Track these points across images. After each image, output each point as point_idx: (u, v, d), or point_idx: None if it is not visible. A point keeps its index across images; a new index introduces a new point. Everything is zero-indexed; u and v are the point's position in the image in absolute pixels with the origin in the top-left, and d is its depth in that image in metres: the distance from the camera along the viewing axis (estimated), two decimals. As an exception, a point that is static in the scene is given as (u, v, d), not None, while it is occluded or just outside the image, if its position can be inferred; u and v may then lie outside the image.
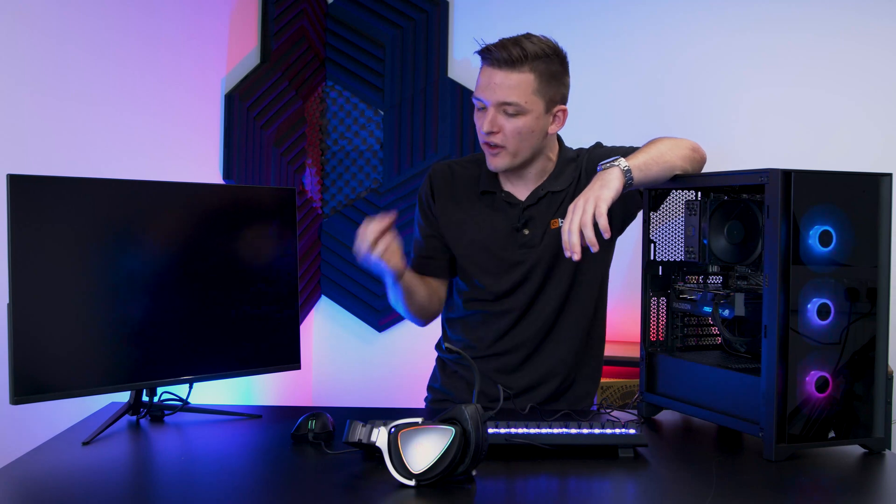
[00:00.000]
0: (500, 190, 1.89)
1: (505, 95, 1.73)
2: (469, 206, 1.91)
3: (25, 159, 1.97)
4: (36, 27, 2.03)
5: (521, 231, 1.86)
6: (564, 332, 1.88)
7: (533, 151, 1.81)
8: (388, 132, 3.36)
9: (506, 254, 1.86)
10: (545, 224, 1.85)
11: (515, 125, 1.75)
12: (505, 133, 1.76)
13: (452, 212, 1.92)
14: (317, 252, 3.40)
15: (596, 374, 1.96)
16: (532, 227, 1.86)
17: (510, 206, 1.87)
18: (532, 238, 1.85)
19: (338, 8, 3.38)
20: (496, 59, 1.72)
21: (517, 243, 1.86)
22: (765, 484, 1.33)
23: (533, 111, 1.75)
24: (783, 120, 3.04)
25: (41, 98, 2.05)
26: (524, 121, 1.75)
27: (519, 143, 1.78)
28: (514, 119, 1.75)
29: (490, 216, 1.88)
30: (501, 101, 1.74)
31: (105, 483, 1.33)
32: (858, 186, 1.45)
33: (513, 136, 1.76)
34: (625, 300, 3.21)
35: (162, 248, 1.66)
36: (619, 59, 3.21)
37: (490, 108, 1.75)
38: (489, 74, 1.74)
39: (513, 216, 1.86)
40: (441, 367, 2.03)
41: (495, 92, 1.73)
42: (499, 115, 1.75)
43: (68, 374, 1.54)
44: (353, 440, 1.35)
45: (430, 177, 1.96)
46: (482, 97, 1.76)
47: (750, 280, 1.63)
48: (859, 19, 2.99)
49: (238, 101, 2.91)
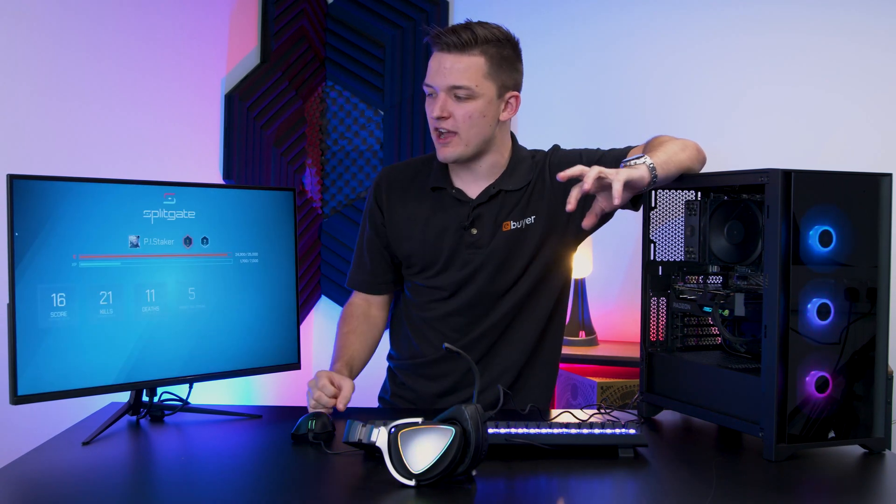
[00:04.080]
0: (450, 186, 1.84)
1: (455, 79, 1.70)
2: (418, 202, 1.86)
3: (25, 159, 1.97)
4: (36, 27, 2.03)
5: (469, 230, 1.81)
6: (514, 339, 1.84)
7: (484, 140, 1.77)
8: (388, 132, 3.36)
9: (453, 252, 1.82)
10: (496, 224, 1.81)
11: (466, 109, 1.72)
12: (455, 118, 1.72)
13: (400, 210, 1.87)
14: (317, 252, 3.40)
15: (550, 381, 1.91)
16: (480, 226, 1.81)
17: (460, 204, 1.82)
18: (480, 238, 1.81)
19: (338, 8, 3.38)
20: (446, 43, 1.70)
21: (464, 242, 1.81)
22: (765, 484, 1.32)
23: (484, 95, 1.72)
24: (783, 120, 3.04)
25: (41, 98, 2.05)
26: (475, 105, 1.72)
27: (470, 128, 1.73)
28: (465, 103, 1.71)
29: (438, 213, 1.83)
30: (452, 84, 1.70)
31: (105, 483, 1.33)
32: (858, 186, 1.45)
33: (463, 122, 1.72)
34: (625, 300, 3.21)
35: (162, 247, 1.66)
36: (619, 60, 3.21)
37: (440, 93, 1.72)
38: (439, 59, 1.72)
39: (461, 214, 1.82)
40: (391, 378, 1.99)
41: (445, 76, 1.70)
42: (449, 99, 1.72)
43: (68, 374, 1.54)
44: (353, 440, 1.35)
45: (377, 181, 1.91)
46: (432, 83, 1.73)
47: (750, 280, 1.63)
48: (859, 19, 2.99)
49: (238, 101, 2.91)
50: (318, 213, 3.40)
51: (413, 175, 1.89)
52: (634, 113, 3.17)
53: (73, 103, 2.16)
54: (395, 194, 1.88)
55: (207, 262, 1.72)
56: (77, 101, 2.17)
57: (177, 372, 1.68)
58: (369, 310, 1.94)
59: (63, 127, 2.12)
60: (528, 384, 1.87)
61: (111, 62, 2.31)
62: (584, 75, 3.24)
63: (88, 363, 1.56)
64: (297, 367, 1.85)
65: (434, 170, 1.86)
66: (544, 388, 1.90)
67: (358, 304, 1.95)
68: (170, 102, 2.59)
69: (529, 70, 3.66)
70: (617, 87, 3.21)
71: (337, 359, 1.83)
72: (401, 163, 1.95)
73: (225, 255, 1.75)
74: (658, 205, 1.71)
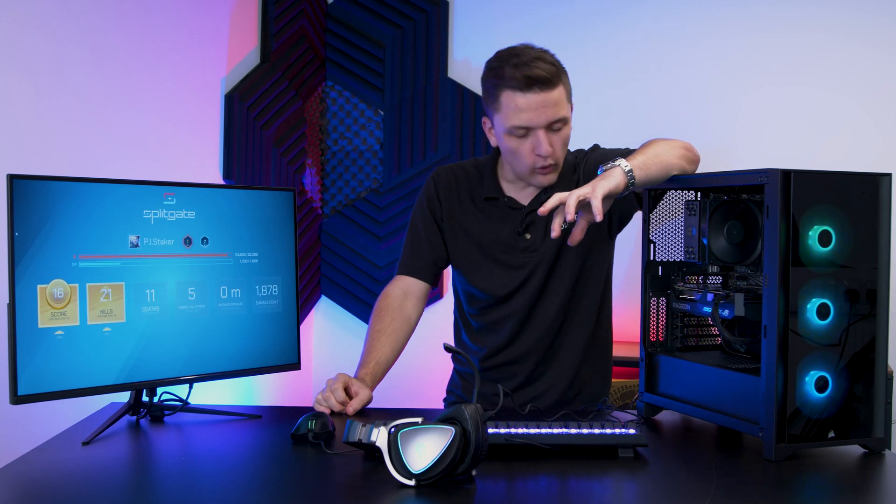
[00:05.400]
0: (502, 195, 1.89)
1: (554, 114, 1.73)
2: (472, 211, 1.91)
3: (25, 159, 1.97)
4: (36, 27, 2.03)
5: (523, 235, 1.86)
6: (570, 335, 1.88)
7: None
8: (388, 132, 3.36)
9: (509, 258, 1.87)
10: (546, 228, 1.84)
11: (562, 137, 1.78)
12: (556, 148, 1.77)
13: (457, 216, 1.92)
14: (317, 252, 3.40)
15: (606, 373, 1.96)
16: (533, 230, 1.86)
17: (513, 211, 1.88)
18: (534, 242, 1.86)
19: (338, 8, 3.38)
20: (535, 81, 1.69)
21: (519, 247, 1.86)
22: (765, 484, 1.32)
23: (570, 117, 1.79)
24: (783, 120, 3.04)
25: (41, 98, 2.05)
26: (567, 129, 1.78)
27: (564, 152, 1.81)
28: (560, 132, 1.77)
29: (493, 222, 1.89)
30: (553, 120, 1.73)
31: (105, 483, 1.33)
32: (858, 186, 1.45)
33: (561, 149, 1.79)
34: (625, 300, 3.21)
35: (162, 247, 1.66)
36: (619, 60, 3.21)
37: (539, 131, 1.74)
38: (530, 100, 1.71)
39: (515, 221, 1.87)
40: (458, 373, 2.03)
41: (545, 115, 1.72)
42: (549, 134, 1.75)
43: (68, 374, 1.54)
44: (353, 440, 1.35)
45: (435, 179, 1.95)
46: (530, 124, 1.73)
47: (750, 280, 1.63)
48: (859, 19, 2.99)
49: (238, 101, 2.91)
50: (318, 213, 3.40)
51: (466, 182, 1.94)
52: (634, 113, 3.17)
53: (73, 103, 2.16)
54: (452, 197, 1.93)
55: (207, 262, 1.72)
56: (77, 101, 2.17)
57: (177, 372, 1.68)
58: (404, 303, 1.94)
59: (63, 127, 2.12)
60: (587, 377, 1.91)
61: (111, 62, 2.31)
62: (584, 75, 3.23)
63: (88, 363, 1.56)
64: (297, 367, 1.85)
65: (485, 179, 1.91)
66: (602, 379, 1.95)
67: (395, 295, 1.95)
68: (170, 102, 2.59)
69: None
70: (617, 87, 3.21)
71: (363, 364, 1.85)
72: (454, 165, 1.98)
73: (225, 255, 1.75)
74: (658, 205, 1.72)
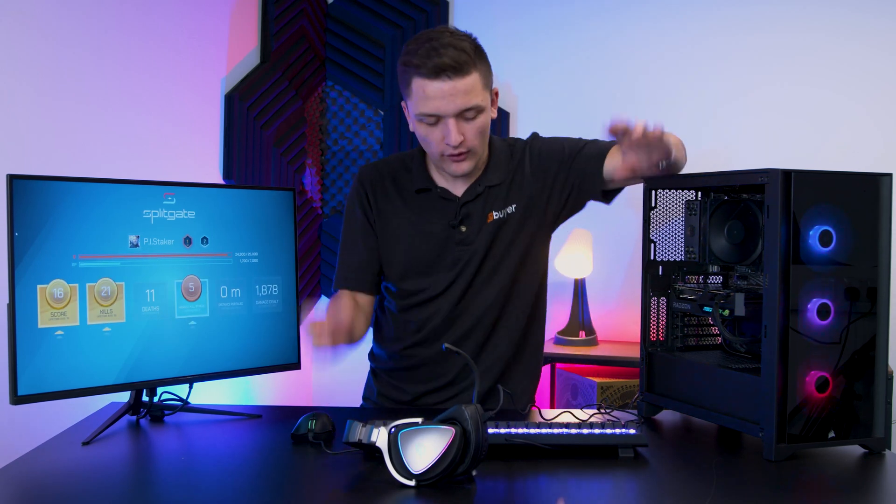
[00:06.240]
0: (435, 186, 1.83)
1: (464, 102, 1.65)
2: (402, 205, 1.84)
3: (25, 159, 1.97)
4: (36, 27, 2.03)
5: (458, 228, 1.81)
6: (502, 330, 1.84)
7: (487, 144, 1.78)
8: (388, 132, 3.36)
9: (443, 252, 1.81)
10: (482, 219, 1.81)
11: (477, 126, 1.70)
12: (467, 137, 1.70)
13: (386, 212, 1.85)
14: (317, 252, 3.40)
15: (535, 371, 1.92)
16: (468, 223, 1.81)
17: (446, 203, 1.82)
18: (469, 235, 1.80)
19: (338, 8, 3.38)
20: (442, 70, 1.62)
21: (454, 240, 1.81)
22: (765, 484, 1.32)
23: (486, 105, 1.71)
24: (783, 120, 3.04)
25: (41, 98, 2.05)
26: (483, 118, 1.71)
27: (482, 141, 1.74)
28: (474, 121, 1.69)
29: (426, 214, 1.82)
30: (462, 108, 1.66)
31: (105, 483, 1.33)
32: (858, 186, 1.45)
33: (475, 137, 1.71)
34: (625, 300, 3.21)
35: (162, 247, 1.66)
36: (618, 59, 3.21)
37: (449, 119, 1.66)
38: (437, 87, 1.63)
39: (449, 213, 1.81)
40: (374, 377, 1.97)
41: (453, 103, 1.65)
42: (459, 122, 1.68)
43: (68, 374, 1.54)
44: (353, 440, 1.35)
45: (361, 178, 1.88)
46: (437, 112, 1.66)
47: (750, 280, 1.63)
48: (859, 19, 2.99)
49: (238, 101, 2.91)
50: (318, 213, 3.40)
51: (393, 176, 1.87)
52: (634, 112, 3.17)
53: (73, 103, 2.16)
54: (379, 194, 1.86)
55: (207, 262, 1.72)
56: (77, 101, 2.17)
57: (177, 372, 1.68)
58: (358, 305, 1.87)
59: (63, 127, 2.12)
60: (517, 375, 1.88)
61: (111, 62, 2.31)
62: (584, 75, 3.24)
63: (88, 363, 1.56)
64: (297, 367, 1.85)
65: (414, 171, 1.85)
66: (531, 377, 1.92)
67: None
68: (170, 102, 2.59)
69: (528, 69, 3.65)
70: (617, 87, 3.21)
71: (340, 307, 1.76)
72: (378, 162, 1.91)
73: (225, 255, 1.75)
74: (658, 205, 1.71)
